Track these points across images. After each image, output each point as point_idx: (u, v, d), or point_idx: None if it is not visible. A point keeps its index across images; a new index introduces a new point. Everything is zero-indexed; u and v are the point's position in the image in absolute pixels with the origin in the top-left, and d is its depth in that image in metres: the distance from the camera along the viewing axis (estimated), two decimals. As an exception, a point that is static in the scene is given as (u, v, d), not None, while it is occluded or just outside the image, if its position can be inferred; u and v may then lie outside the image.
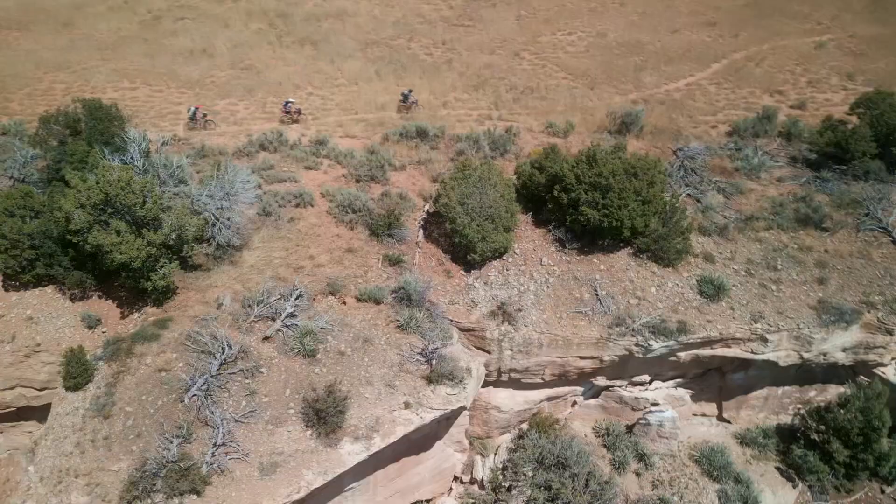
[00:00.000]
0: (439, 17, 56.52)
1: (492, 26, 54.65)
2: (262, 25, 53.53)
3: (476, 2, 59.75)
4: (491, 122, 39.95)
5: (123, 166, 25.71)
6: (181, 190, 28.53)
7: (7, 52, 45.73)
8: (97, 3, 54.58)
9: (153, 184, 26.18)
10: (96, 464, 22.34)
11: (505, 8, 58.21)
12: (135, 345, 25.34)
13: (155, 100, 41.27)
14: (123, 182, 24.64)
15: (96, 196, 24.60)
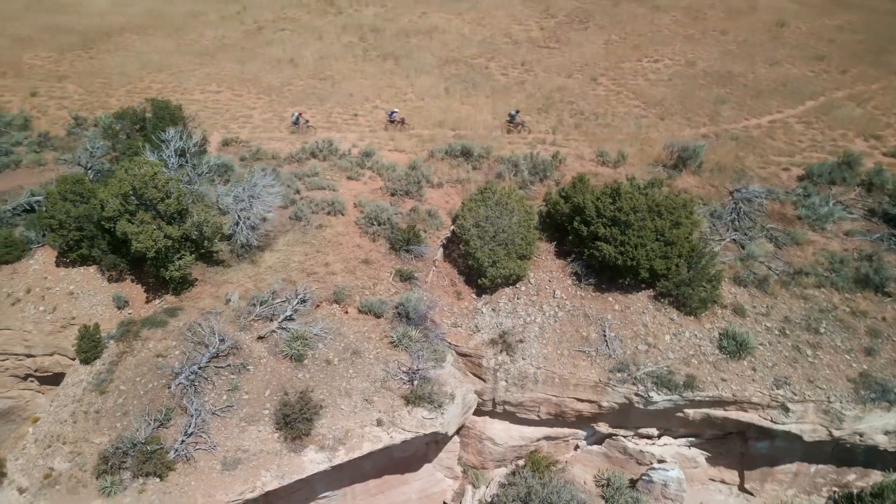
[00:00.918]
0: (526, 38, 56.18)
1: (577, 49, 53.51)
2: (353, 39, 55.77)
3: (569, 24, 58.87)
4: (543, 147, 39.08)
5: (152, 162, 27.78)
6: (209, 189, 30.29)
7: (122, 53, 50.90)
8: (211, 13, 59.42)
9: (178, 181, 28.03)
10: (83, 434, 24.18)
11: (596, 32, 56.81)
12: (143, 329, 27.22)
13: (233, 104, 44.17)
14: (148, 177, 26.63)
15: (125, 187, 26.77)
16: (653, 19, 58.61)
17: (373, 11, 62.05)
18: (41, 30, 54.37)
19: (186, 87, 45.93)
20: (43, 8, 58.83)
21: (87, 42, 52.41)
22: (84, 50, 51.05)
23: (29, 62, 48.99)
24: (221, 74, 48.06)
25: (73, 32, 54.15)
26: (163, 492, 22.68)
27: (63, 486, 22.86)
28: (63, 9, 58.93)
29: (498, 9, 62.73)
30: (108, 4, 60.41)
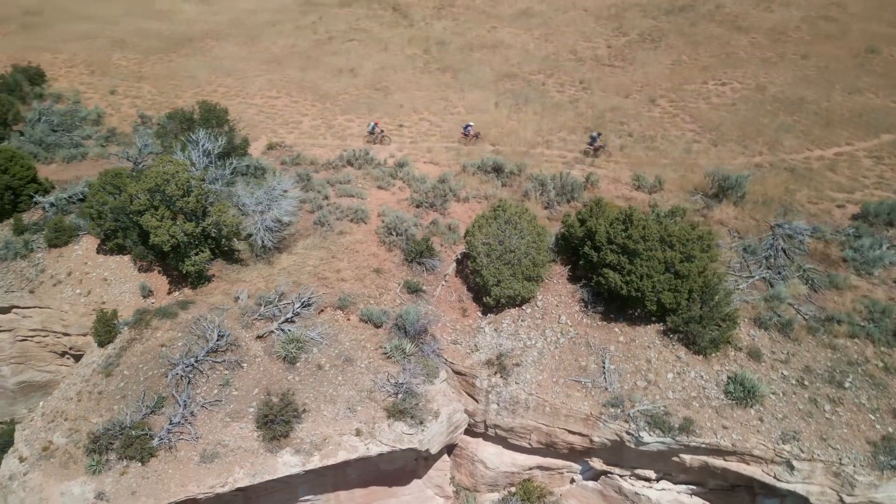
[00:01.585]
0: (592, 56, 54.98)
1: (641, 69, 51.79)
2: (417, 51, 56.58)
3: (639, 43, 57.11)
4: (582, 167, 38.08)
5: (177, 161, 29.28)
6: (231, 190, 31.57)
7: (198, 57, 54.12)
8: (288, 22, 62.09)
9: (200, 180, 29.40)
10: (84, 413, 25.72)
11: (666, 51, 54.76)
12: (154, 318, 28.68)
13: (287, 109, 45.91)
14: (169, 175, 28.12)
15: (150, 183, 28.41)
16: (730, 40, 55.78)
17: (443, 25, 62.72)
18: (134, 33, 58.74)
19: (248, 92, 48.17)
20: (140, 13, 63.57)
21: (171, 46, 56.10)
22: (166, 53, 54.68)
23: (116, 63, 53.01)
24: (283, 81, 50.06)
25: (161, 37, 58.13)
26: (142, 476, 23.71)
27: (57, 459, 24.36)
28: (157, 15, 63.42)
29: (568, 25, 61.78)
30: (197, 12, 64.43)
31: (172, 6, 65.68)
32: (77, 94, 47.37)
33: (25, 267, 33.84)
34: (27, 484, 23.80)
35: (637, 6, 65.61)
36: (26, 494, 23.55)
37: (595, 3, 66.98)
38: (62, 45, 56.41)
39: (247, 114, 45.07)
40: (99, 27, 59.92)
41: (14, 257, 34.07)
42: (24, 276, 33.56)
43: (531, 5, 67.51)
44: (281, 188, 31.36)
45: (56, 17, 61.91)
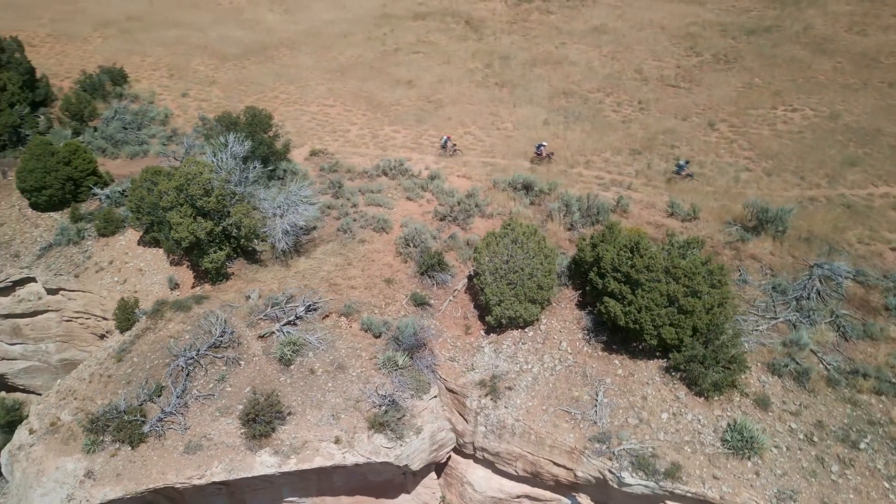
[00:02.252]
0: (658, 76, 53.01)
1: (707, 91, 49.41)
2: (479, 65, 56.60)
3: (712, 64, 54.54)
4: (618, 189, 36.77)
5: (202, 162, 30.72)
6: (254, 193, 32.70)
7: (268, 64, 56.59)
8: (360, 34, 63.79)
9: (225, 181, 30.68)
10: (91, 394, 27.41)
11: (739, 73, 51.96)
12: (169, 310, 30.17)
13: (339, 118, 47.10)
14: (192, 175, 29.56)
15: (176, 182, 29.98)
16: (811, 63, 52.18)
17: (511, 40, 62.42)
18: (217, 40, 62.23)
19: (306, 100, 49.84)
20: (228, 22, 67.24)
21: (247, 53, 58.98)
22: (240, 60, 57.54)
23: (194, 67, 56.34)
24: (342, 90, 51.42)
25: (241, 45, 61.23)
26: (129, 460, 24.95)
27: (61, 435, 26.06)
28: (242, 24, 66.87)
29: (640, 44, 59.87)
30: (279, 22, 67.40)
31: (257, 16, 69.09)
32: (152, 95, 50.70)
33: (75, 253, 36.50)
34: (31, 455, 25.58)
35: (718, 25, 62.71)
36: (28, 465, 25.30)
37: (673, 22, 64.62)
38: (151, 48, 60.57)
39: (300, 120, 46.63)
40: (188, 33, 63.89)
41: (67, 243, 36.85)
42: (73, 261, 36.20)
43: (606, 22, 65.98)
44: (302, 194, 32.13)
45: (152, 23, 66.58)
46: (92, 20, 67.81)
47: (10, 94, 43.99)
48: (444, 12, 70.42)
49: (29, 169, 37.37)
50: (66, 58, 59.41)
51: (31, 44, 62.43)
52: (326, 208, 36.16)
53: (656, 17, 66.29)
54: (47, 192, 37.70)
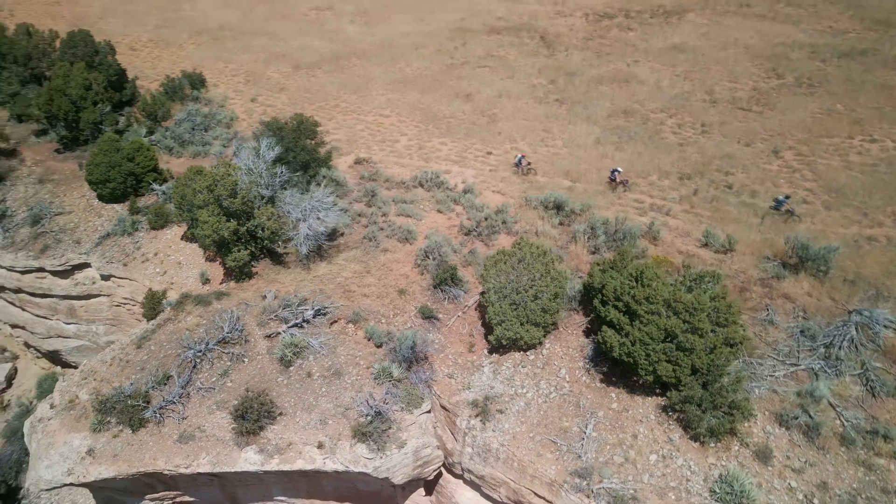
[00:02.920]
0: (729, 98, 50.32)
1: (780, 116, 46.36)
2: (543, 81, 55.89)
3: (792, 87, 51.16)
4: (655, 214, 35.15)
5: (231, 164, 32.07)
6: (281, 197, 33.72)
7: (337, 74, 58.41)
8: (430, 46, 64.61)
9: (248, 184, 31.90)
10: (109, 376, 29.14)
11: (819, 98, 48.43)
12: (190, 304, 31.62)
13: (391, 128, 47.80)
14: (219, 176, 30.97)
15: (206, 182, 31.51)
16: (905, 91, 47.83)
17: (583, 56, 61.22)
18: (296, 49, 64.98)
19: (364, 109, 50.98)
20: (309, 32, 70.05)
21: (320, 62, 61.16)
22: (312, 69, 59.75)
23: (269, 75, 59.06)
24: (400, 101, 52.20)
25: (317, 54, 63.60)
26: (127, 443, 26.25)
27: (76, 412, 27.83)
28: (323, 34, 69.46)
29: (719, 63, 57.06)
30: (357, 33, 69.47)
31: (338, 27, 71.55)
32: (224, 100, 53.57)
33: (128, 243, 39.08)
34: (47, 428, 27.48)
35: (809, 47, 58.82)
36: (42, 437, 27.20)
37: (759, 42, 61.24)
38: (236, 56, 64.07)
39: (354, 129, 47.76)
40: (271, 42, 67.14)
41: (122, 233, 39.52)
42: (125, 250, 38.77)
43: (688, 40, 63.43)
44: (325, 200, 32.85)
45: (241, 32, 70.46)
46: (190, 28, 72.58)
47: (94, 94, 47.78)
48: (520, 27, 70.16)
49: (96, 163, 40.45)
50: (160, 62, 63.85)
51: (133, 48, 67.84)
52: (357, 216, 36.79)
53: (743, 37, 63.07)
54: (111, 185, 40.63)
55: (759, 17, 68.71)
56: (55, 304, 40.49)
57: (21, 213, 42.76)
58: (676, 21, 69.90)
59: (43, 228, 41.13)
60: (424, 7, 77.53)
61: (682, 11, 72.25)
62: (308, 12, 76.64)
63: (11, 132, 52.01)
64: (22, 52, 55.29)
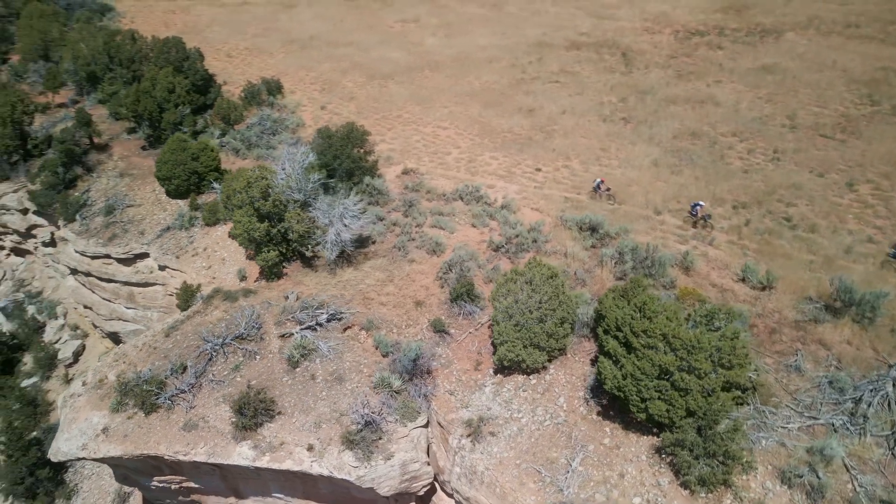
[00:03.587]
0: (811, 123, 46.82)
1: (865, 146, 42.63)
2: (613, 98, 54.27)
3: (888, 116, 46.90)
4: (695, 243, 33.22)
5: (266, 168, 33.30)
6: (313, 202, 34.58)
7: (406, 85, 59.39)
8: (504, 60, 64.37)
9: (280, 188, 33.02)
10: (136, 360, 30.96)
11: (916, 128, 44.06)
12: (219, 299, 33.08)
13: (446, 141, 47.94)
14: (253, 179, 32.29)
15: (241, 184, 32.96)
16: None
17: (660, 75, 58.92)
18: (374, 59, 66.75)
19: (425, 121, 51.49)
20: (391, 43, 71.70)
21: (394, 73, 62.42)
22: (385, 79, 61.10)
23: (343, 84, 60.99)
24: (461, 114, 52.30)
25: (393, 64, 65.00)
26: (138, 425, 27.75)
27: (102, 392, 29.77)
28: (403, 46, 70.89)
29: (809, 87, 53.19)
30: (436, 46, 70.32)
31: (419, 39, 72.80)
32: (296, 106, 55.84)
33: (183, 237, 41.52)
34: (75, 404, 29.56)
35: (916, 72, 53.65)
36: (70, 412, 29.29)
37: (860, 65, 56.60)
38: (318, 64, 66.66)
39: (410, 140, 48.36)
40: (353, 52, 69.34)
41: (180, 228, 42.03)
42: (180, 244, 41.20)
43: (779, 61, 59.62)
44: (353, 208, 33.44)
45: (328, 42, 73.22)
46: (283, 38, 76.23)
47: (176, 96, 51.23)
48: (601, 43, 68.57)
49: (164, 160, 43.30)
50: (250, 68, 67.44)
51: (230, 55, 72.18)
52: (392, 225, 37.18)
53: (843, 59, 58.51)
54: (175, 181, 43.33)
55: (866, 39, 63.49)
56: (118, 289, 43.59)
57: (99, 203, 46.45)
58: (773, 41, 65.92)
59: (114, 218, 44.47)
60: (508, 21, 77.48)
61: (781, 31, 68.03)
62: (394, 24, 78.50)
63: (108, 129, 56.71)
64: (126, 55, 60.06)
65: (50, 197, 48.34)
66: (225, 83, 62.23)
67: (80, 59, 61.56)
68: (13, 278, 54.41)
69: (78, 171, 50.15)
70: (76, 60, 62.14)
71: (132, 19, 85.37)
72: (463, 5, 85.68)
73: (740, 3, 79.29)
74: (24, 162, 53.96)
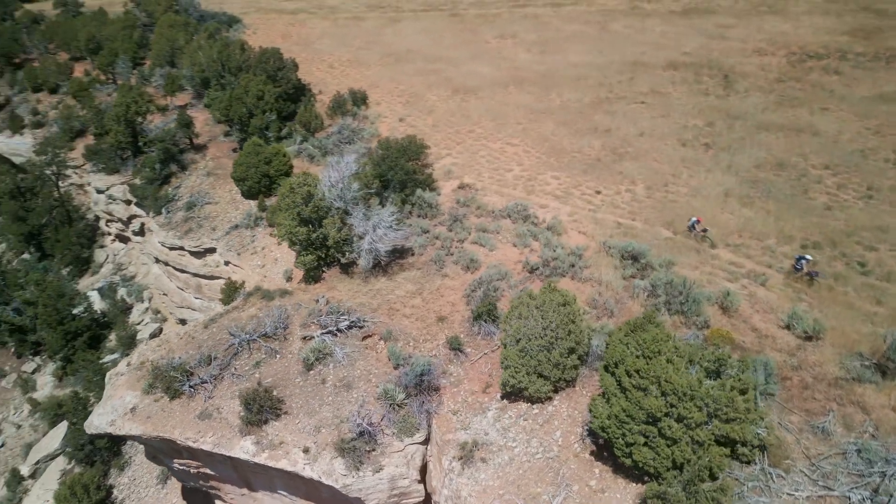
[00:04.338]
0: (923, 160, 41.91)
1: (980, 187, 37.53)
2: (699, 122, 51.29)
3: None
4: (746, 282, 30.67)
5: (311, 176, 34.38)
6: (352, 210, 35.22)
7: (486, 100, 59.17)
8: (593, 78, 62.59)
9: (321, 194, 34.00)
10: (175, 347, 32.93)
11: None
12: (257, 297, 34.56)
13: (512, 157, 47.23)
14: (296, 185, 33.52)
15: (285, 189, 34.34)
16: None
17: (760, 99, 54.94)
18: (463, 74, 67.19)
19: (495, 137, 51.07)
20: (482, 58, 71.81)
21: (477, 88, 62.33)
22: (468, 94, 61.20)
23: (427, 97, 61.85)
24: (533, 131, 51.35)
25: (480, 80, 65.04)
26: (161, 409, 29.49)
27: (141, 373, 31.88)
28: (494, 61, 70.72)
29: (934, 119, 47.68)
30: (528, 62, 69.64)
31: (512, 55, 72.52)
32: (377, 118, 57.32)
33: (247, 235, 43.81)
34: (116, 382, 31.91)
35: None
36: (110, 389, 31.63)
37: None
38: (409, 77, 68.10)
39: (476, 155, 48.19)
40: (444, 67, 70.22)
41: (246, 226, 44.40)
42: (243, 241, 43.49)
43: (905, 89, 53.91)
44: (390, 220, 33.80)
45: (423, 56, 74.60)
46: (383, 51, 78.66)
47: (265, 103, 54.26)
48: (703, 64, 65.12)
49: (239, 162, 45.98)
50: (346, 79, 70.08)
51: (332, 66, 75.55)
52: (434, 238, 37.20)
53: None
54: (248, 182, 45.85)
55: None
56: (189, 280, 46.68)
57: (184, 198, 50.05)
58: (903, 65, 59.76)
59: (193, 214, 47.71)
60: (609, 40, 75.43)
61: (915, 55, 61.53)
62: (491, 40, 78.79)
63: (209, 131, 61.23)
64: (234, 64, 64.45)
65: (146, 190, 52.71)
66: (320, 92, 65.10)
67: (196, 66, 66.78)
68: (114, 262, 59.84)
69: (173, 169, 54.36)
70: (193, 67, 67.47)
71: (255, 31, 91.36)
72: (567, 23, 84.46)
73: (872, 26, 72.68)
74: (133, 157, 59.29)
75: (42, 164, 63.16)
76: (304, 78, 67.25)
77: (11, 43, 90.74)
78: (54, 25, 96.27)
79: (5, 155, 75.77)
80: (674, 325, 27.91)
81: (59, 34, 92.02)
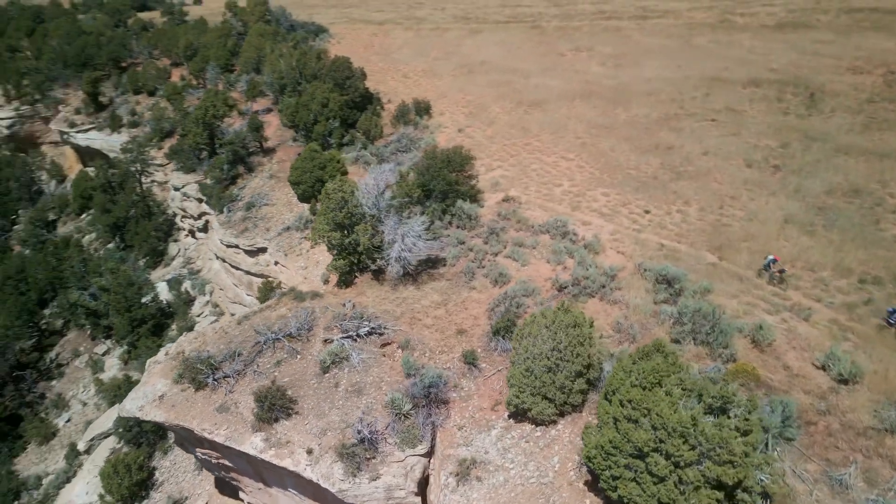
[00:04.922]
0: None
1: None
2: (772, 143, 48.33)
3: None
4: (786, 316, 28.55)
5: (343, 182, 34.92)
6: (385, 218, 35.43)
7: (551, 113, 58.11)
8: (665, 93, 60.22)
9: (355, 200, 34.48)
10: (208, 341, 34.20)
11: None
12: (289, 297, 35.41)
13: (564, 172, 46.19)
14: (330, 192, 34.19)
15: (322, 195, 35.09)
16: None
17: (845, 121, 51.12)
18: (531, 87, 66.50)
19: (550, 150, 50.10)
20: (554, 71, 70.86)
21: (543, 101, 61.39)
22: (532, 107, 60.40)
23: (491, 108, 61.57)
24: (591, 146, 49.99)
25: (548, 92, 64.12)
26: (186, 399, 30.67)
27: (175, 363, 33.27)
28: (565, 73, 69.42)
29: None
30: (599, 75, 67.93)
31: (585, 68, 71.12)
32: (438, 128, 57.64)
33: (296, 237, 45.13)
34: (152, 370, 33.53)
35: None
36: (146, 376, 33.25)
37: None
38: (478, 89, 68.09)
39: (528, 168, 47.48)
40: (513, 78, 69.74)
41: (297, 229, 45.74)
42: (291, 243, 44.82)
43: None
44: (418, 230, 33.82)
45: (495, 68, 74.35)
46: (457, 62, 79.24)
47: (329, 110, 55.84)
48: (788, 81, 61.38)
49: (295, 167, 47.44)
50: (417, 89, 71.08)
51: (407, 76, 76.91)
52: (468, 250, 36.89)
53: None
54: (302, 186, 47.18)
55: None
56: (241, 277, 48.54)
57: (246, 199, 52.17)
58: None
59: (251, 214, 49.66)
60: (689, 54, 72.61)
61: None
62: (566, 52, 77.70)
63: (280, 135, 63.64)
64: (310, 71, 66.84)
65: (213, 189, 55.37)
66: (388, 101, 66.26)
67: (276, 73, 69.76)
68: (184, 256, 63.23)
69: (240, 170, 56.87)
70: (273, 74, 70.50)
71: (339, 40, 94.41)
72: (648, 36, 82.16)
73: None
74: (209, 158, 62.51)
75: (127, 161, 67.68)
76: (377, 87, 68.88)
77: (120, 48, 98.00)
78: (159, 33, 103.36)
79: (104, 151, 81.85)
80: (697, 357, 26.27)
81: (162, 41, 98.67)
